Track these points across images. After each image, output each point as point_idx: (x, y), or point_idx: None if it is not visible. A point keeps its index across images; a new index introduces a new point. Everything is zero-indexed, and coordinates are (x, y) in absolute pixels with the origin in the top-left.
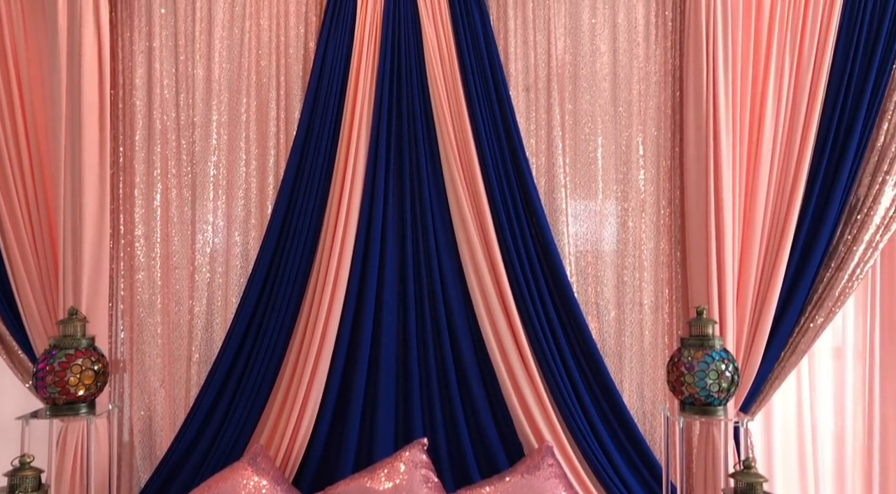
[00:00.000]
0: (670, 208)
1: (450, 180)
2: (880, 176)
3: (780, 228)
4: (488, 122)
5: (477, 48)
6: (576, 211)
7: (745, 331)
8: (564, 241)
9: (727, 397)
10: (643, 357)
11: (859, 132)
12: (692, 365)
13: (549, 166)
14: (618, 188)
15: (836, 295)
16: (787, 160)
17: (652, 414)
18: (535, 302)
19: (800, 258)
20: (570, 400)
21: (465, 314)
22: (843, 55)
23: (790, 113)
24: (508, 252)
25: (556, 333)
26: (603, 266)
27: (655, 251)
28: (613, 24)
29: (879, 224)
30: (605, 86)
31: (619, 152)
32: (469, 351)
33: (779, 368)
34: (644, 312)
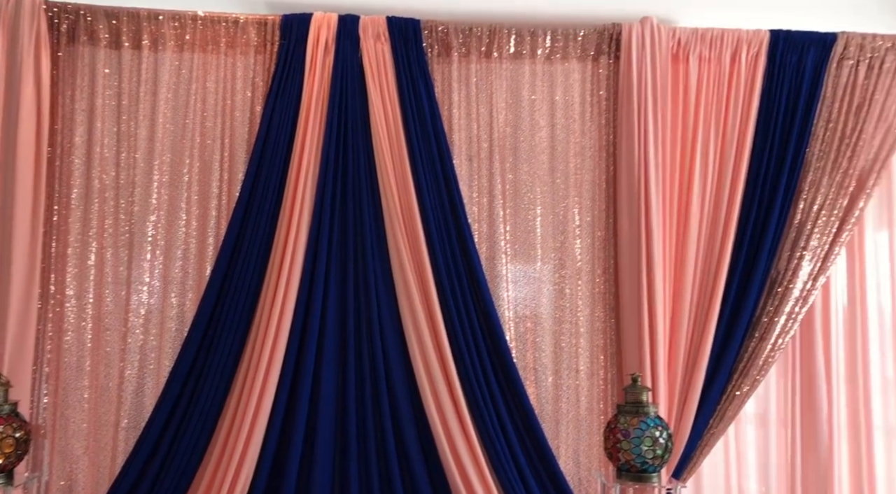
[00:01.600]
0: (605, 276)
1: (394, 245)
2: (798, 251)
3: (708, 299)
4: (432, 189)
5: (422, 117)
6: (515, 276)
7: (675, 399)
8: (504, 306)
9: (661, 463)
10: (579, 423)
11: (778, 210)
12: (628, 432)
13: (491, 233)
14: (555, 256)
15: (759, 364)
16: (713, 234)
17: (587, 481)
18: (476, 366)
19: (726, 328)
20: (507, 465)
21: (406, 379)
22: (763, 138)
23: (715, 190)
24: (450, 316)
25: (496, 397)
26: (541, 331)
27: (591, 317)
28: (552, 101)
29: (798, 297)
30: (543, 159)
31: (557, 221)
32: (408, 414)
33: (708, 435)
34: (580, 378)
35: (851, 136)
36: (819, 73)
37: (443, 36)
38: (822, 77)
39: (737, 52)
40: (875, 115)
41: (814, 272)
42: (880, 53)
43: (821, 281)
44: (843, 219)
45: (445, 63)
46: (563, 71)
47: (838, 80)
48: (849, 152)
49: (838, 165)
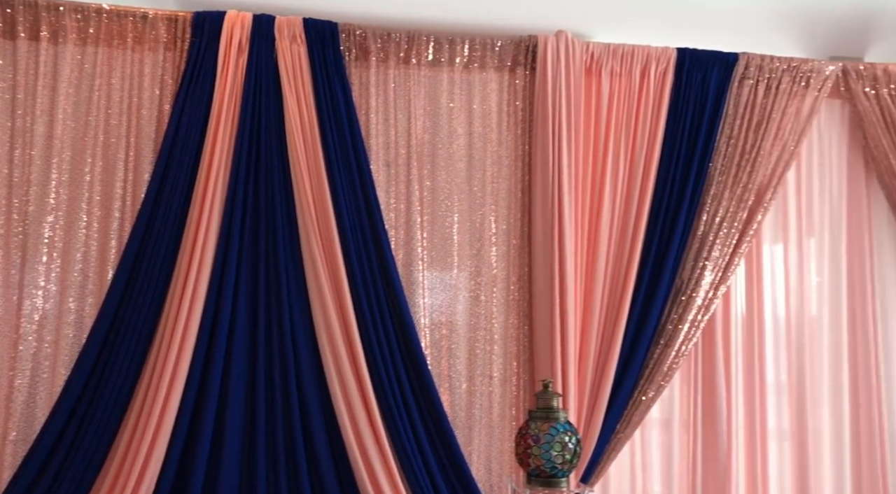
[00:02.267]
0: (519, 284)
1: (308, 250)
2: (701, 261)
3: (616, 307)
4: (349, 194)
5: (339, 121)
6: (432, 283)
7: (585, 404)
8: (420, 313)
9: (570, 468)
10: (492, 429)
11: (683, 221)
12: (538, 438)
13: (408, 239)
14: (472, 263)
15: (664, 370)
16: (621, 244)
17: (499, 487)
18: (389, 373)
19: (633, 336)
20: (419, 472)
21: (318, 384)
22: (669, 152)
23: (624, 201)
24: (364, 322)
25: (409, 404)
26: (456, 338)
27: (505, 325)
28: (469, 109)
29: (701, 305)
30: (461, 167)
31: (474, 229)
32: (319, 420)
33: (615, 439)
34: (494, 385)
35: (751, 153)
36: (722, 91)
37: (361, 40)
38: (724, 95)
39: (646, 68)
40: (772, 133)
41: (715, 281)
42: (777, 74)
43: (721, 291)
44: (743, 231)
45: (363, 67)
46: (481, 80)
47: (739, 98)
48: (748, 167)
49: (738, 180)
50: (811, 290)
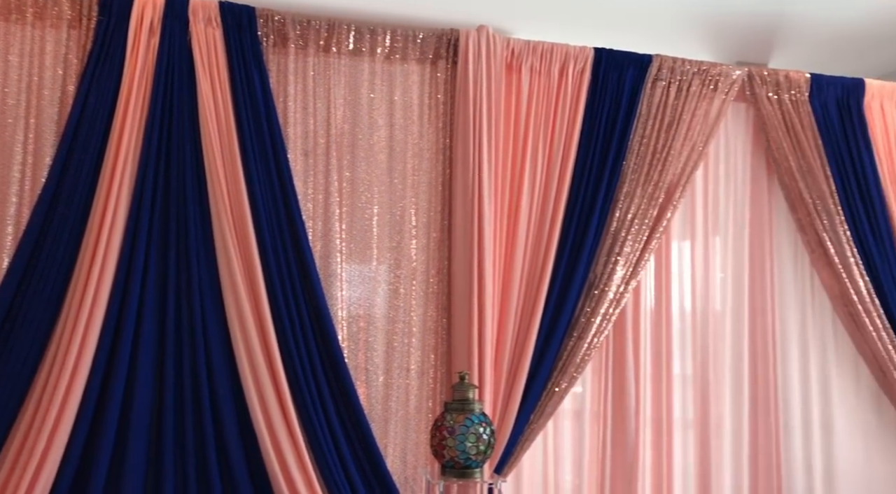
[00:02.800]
0: (439, 277)
1: (221, 240)
2: (613, 257)
3: (533, 300)
4: (264, 183)
5: (255, 108)
6: (350, 276)
7: (500, 396)
8: (338, 306)
9: (484, 459)
10: (408, 422)
11: (597, 217)
12: (454, 429)
13: (326, 231)
14: (391, 255)
15: (577, 362)
16: (538, 238)
17: (414, 479)
18: (305, 366)
19: (548, 328)
20: (333, 466)
21: (229, 377)
22: (585, 149)
23: (542, 197)
24: (280, 315)
25: (324, 398)
26: (374, 331)
27: (424, 317)
28: (391, 100)
29: (612, 298)
30: (382, 158)
31: (394, 221)
32: (231, 415)
33: (529, 430)
34: (411, 377)
35: (662, 152)
36: (636, 92)
37: (279, 26)
38: (638, 95)
39: (565, 66)
40: (682, 134)
41: (626, 276)
42: (688, 77)
43: (632, 285)
44: (653, 228)
45: (281, 54)
46: (403, 72)
47: (652, 99)
48: (659, 166)
49: (650, 178)
50: (716, 286)
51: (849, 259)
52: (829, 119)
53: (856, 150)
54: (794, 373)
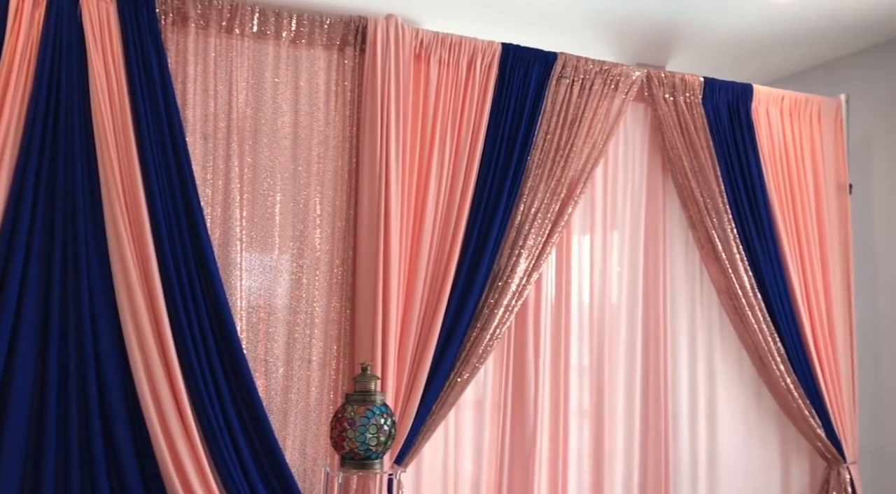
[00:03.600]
0: (343, 267)
1: (112, 226)
2: (517, 249)
3: (438, 291)
4: (160, 167)
5: (151, 88)
6: (251, 265)
7: (403, 387)
8: (237, 296)
9: (384, 450)
10: (308, 414)
11: (502, 211)
12: (354, 421)
13: (226, 218)
14: (294, 245)
15: (479, 352)
16: (445, 230)
17: (313, 471)
18: (201, 358)
19: (452, 319)
20: (230, 460)
21: (119, 369)
22: (492, 143)
23: (449, 188)
24: (175, 304)
25: (221, 390)
26: (275, 322)
27: (327, 308)
28: (296, 86)
29: (515, 290)
30: (286, 145)
31: (298, 210)
32: (120, 410)
33: (430, 420)
34: (312, 369)
35: (565, 149)
36: (541, 88)
37: (178, 4)
38: (543, 92)
39: (473, 59)
40: (584, 131)
41: (529, 269)
42: (591, 76)
43: (534, 277)
44: (555, 222)
45: (181, 33)
46: (309, 57)
47: (556, 96)
48: (562, 162)
49: (553, 174)
50: (612, 279)
51: (735, 255)
52: (721, 122)
53: (744, 153)
54: (682, 364)
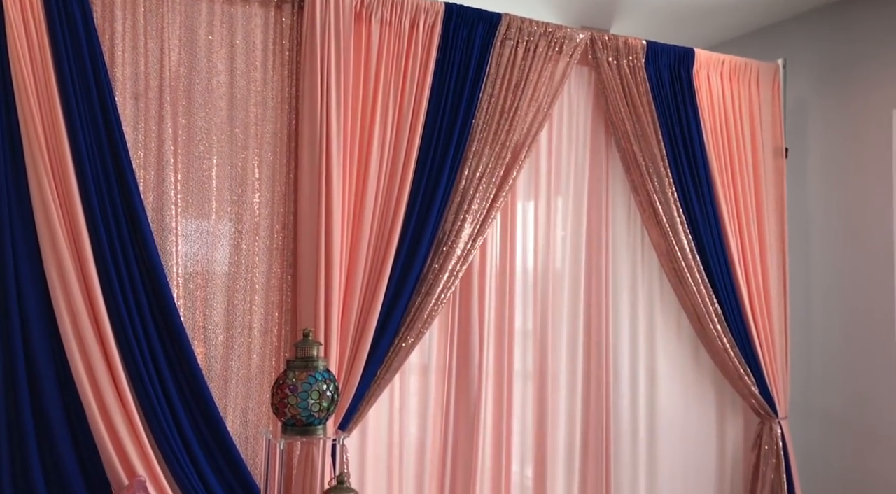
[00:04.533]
0: (284, 232)
1: (38, 190)
2: (462, 214)
3: (382, 256)
4: (89, 129)
5: (77, 45)
6: (187, 231)
7: (347, 353)
8: (173, 262)
9: (327, 415)
10: (250, 381)
11: (447, 174)
12: (296, 387)
13: (159, 181)
14: (232, 209)
15: (424, 317)
16: (388, 194)
17: (255, 438)
18: (136, 328)
19: (397, 284)
20: (169, 431)
21: (49, 340)
22: (436, 105)
23: (392, 152)
24: (107, 271)
25: (158, 360)
26: (213, 289)
27: (268, 274)
28: (231, 44)
29: (460, 255)
30: (221, 105)
31: (235, 173)
32: (51, 381)
33: (375, 385)
34: (253, 336)
35: (509, 112)
36: (486, 50)
37: None
38: (488, 53)
39: (415, 19)
40: (529, 95)
41: (473, 233)
42: (535, 38)
43: (479, 242)
44: (500, 186)
45: None
46: (245, 14)
47: (501, 58)
48: (507, 126)
49: (498, 137)
50: (557, 245)
51: (675, 219)
52: (663, 86)
53: (685, 117)
54: (624, 326)
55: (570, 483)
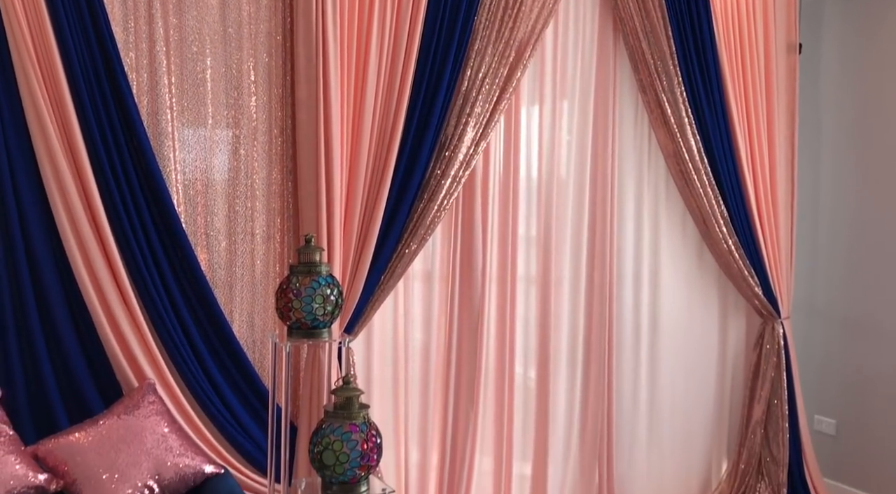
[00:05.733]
0: (282, 137)
1: (29, 98)
2: (464, 118)
3: (383, 161)
4: (76, 30)
5: None
6: (183, 136)
7: (350, 258)
8: (171, 168)
9: (332, 319)
10: (254, 286)
11: (448, 76)
12: (300, 292)
13: (153, 85)
14: (229, 114)
15: (427, 223)
16: (388, 98)
17: (262, 342)
18: (138, 234)
19: (399, 190)
20: (175, 335)
21: (51, 249)
22: (436, 5)
23: (391, 54)
24: (105, 179)
25: (161, 266)
26: (213, 195)
27: (268, 180)
28: None
29: (462, 160)
30: (213, 4)
31: (231, 76)
32: (56, 291)
33: (379, 291)
34: (256, 242)
35: (513, 8)
36: None
37: None
38: None
39: None
40: None
41: (476, 138)
42: None
43: (482, 147)
44: (503, 88)
45: None
46: None
47: None
48: (510, 23)
49: (501, 35)
50: (562, 151)
51: (683, 119)
52: None
53: (696, 11)
54: (628, 228)
55: (572, 384)
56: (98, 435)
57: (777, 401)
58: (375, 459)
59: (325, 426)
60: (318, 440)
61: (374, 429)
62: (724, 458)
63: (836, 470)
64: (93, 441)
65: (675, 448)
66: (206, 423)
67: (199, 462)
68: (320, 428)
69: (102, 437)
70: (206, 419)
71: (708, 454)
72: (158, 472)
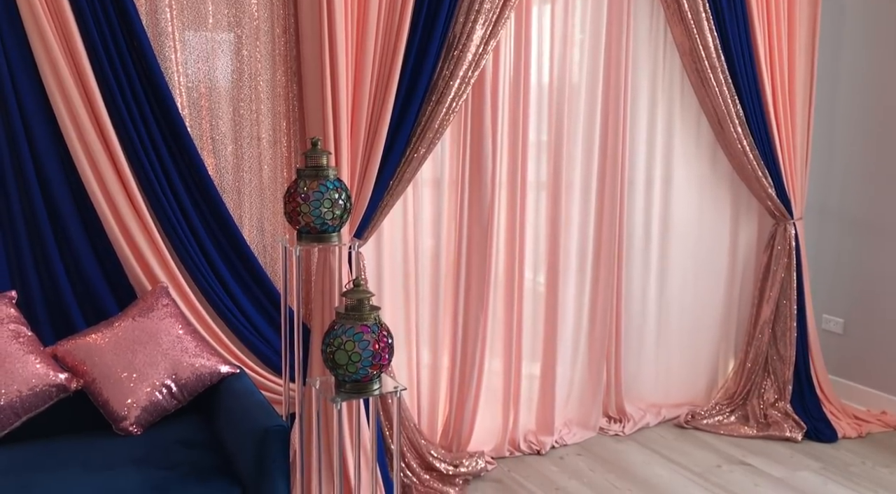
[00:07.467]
0: (286, 37)
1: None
2: (472, 14)
3: (389, 61)
4: None
5: None
6: (183, 36)
7: (358, 162)
8: (173, 70)
9: (341, 223)
10: (263, 191)
11: None
12: (308, 196)
13: None
14: (230, 12)
15: (435, 127)
16: None
17: (272, 247)
18: (143, 139)
19: (406, 92)
20: (186, 240)
21: (58, 155)
22: None
23: None
24: (107, 82)
25: (169, 171)
26: (217, 98)
27: (272, 82)
28: None
29: (471, 61)
30: None
31: None
32: (65, 197)
33: (388, 196)
34: (262, 146)
35: None
36: None
37: None
38: None
39: None
40: None
41: (486, 36)
42: None
43: (491, 46)
44: None
45: None
46: None
47: None
48: None
49: None
50: (574, 51)
51: (700, 14)
52: None
53: None
54: (641, 130)
55: (581, 289)
56: (114, 337)
57: (786, 301)
58: (387, 359)
59: (336, 327)
60: (331, 340)
61: (385, 330)
62: (732, 357)
63: (842, 368)
64: (110, 341)
65: (683, 347)
66: (221, 325)
67: (214, 363)
68: (332, 329)
69: (119, 338)
70: (219, 321)
71: (715, 353)
72: (175, 372)
